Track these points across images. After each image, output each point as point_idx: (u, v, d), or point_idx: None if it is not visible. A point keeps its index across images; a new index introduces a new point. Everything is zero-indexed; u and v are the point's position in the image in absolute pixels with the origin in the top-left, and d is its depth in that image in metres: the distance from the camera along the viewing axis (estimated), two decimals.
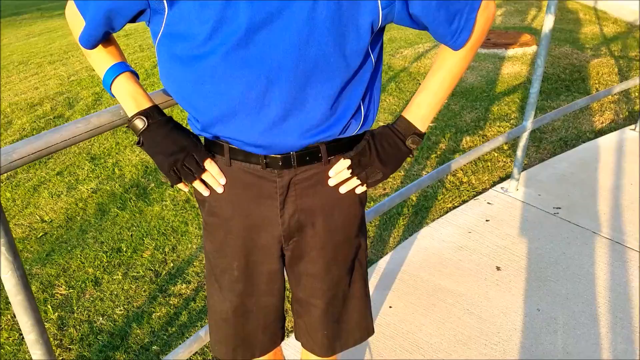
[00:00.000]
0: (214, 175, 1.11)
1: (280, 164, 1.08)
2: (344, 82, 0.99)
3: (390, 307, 2.23)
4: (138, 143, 1.06)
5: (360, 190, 1.17)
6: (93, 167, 3.58)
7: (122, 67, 1.06)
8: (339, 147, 1.11)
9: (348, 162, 1.11)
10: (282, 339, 1.36)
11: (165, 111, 1.45)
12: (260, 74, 0.94)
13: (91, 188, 3.31)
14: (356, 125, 1.09)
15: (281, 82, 0.95)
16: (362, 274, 1.30)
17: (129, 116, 1.05)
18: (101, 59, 1.06)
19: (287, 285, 1.33)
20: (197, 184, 1.12)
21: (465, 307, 2.21)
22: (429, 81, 1.10)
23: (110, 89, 1.06)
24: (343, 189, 1.15)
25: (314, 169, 1.11)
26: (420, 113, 1.11)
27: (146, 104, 1.06)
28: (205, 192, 1.13)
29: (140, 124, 1.04)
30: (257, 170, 1.10)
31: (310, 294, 1.25)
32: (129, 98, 1.05)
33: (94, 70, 5.65)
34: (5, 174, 3.63)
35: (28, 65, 6.48)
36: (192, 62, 0.94)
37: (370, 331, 1.35)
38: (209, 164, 1.10)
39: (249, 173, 1.11)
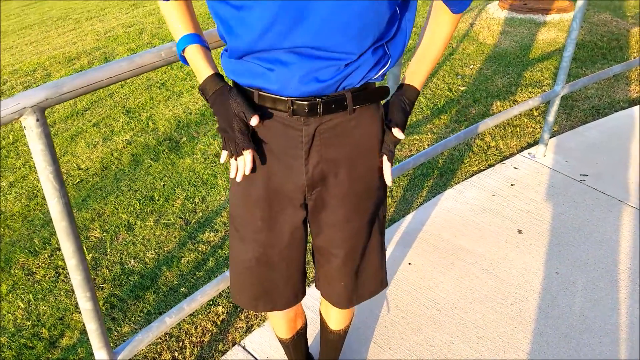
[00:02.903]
0: (245, 162, 1.11)
1: (307, 110, 1.08)
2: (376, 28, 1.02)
3: (409, 263, 2.25)
4: None
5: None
6: (128, 119, 3.64)
7: (193, 39, 1.11)
8: (364, 97, 1.12)
9: (390, 159, 1.19)
10: (304, 294, 1.37)
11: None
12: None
13: (126, 139, 3.39)
14: (379, 66, 1.10)
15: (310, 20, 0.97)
16: (379, 228, 1.31)
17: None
18: (177, 26, 1.11)
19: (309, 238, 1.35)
20: (234, 161, 1.13)
21: (484, 267, 2.21)
22: (429, 49, 1.18)
23: (182, 54, 1.12)
24: (389, 179, 1.21)
25: (340, 117, 1.12)
26: (421, 80, 1.20)
27: (204, 76, 1.10)
28: (236, 176, 1.13)
29: (204, 96, 1.12)
30: (284, 118, 1.11)
31: (330, 244, 1.26)
32: (195, 70, 1.12)
33: (129, 27, 5.69)
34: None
35: (66, 20, 6.55)
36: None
37: (384, 283, 1.37)
38: (247, 153, 1.10)
39: (275, 121, 1.12)
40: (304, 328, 1.60)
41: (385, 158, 1.19)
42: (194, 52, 1.10)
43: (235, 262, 1.29)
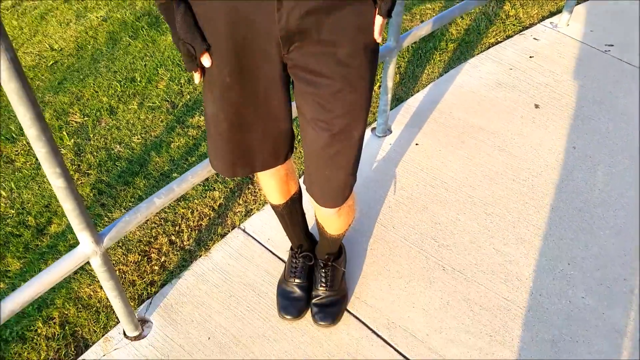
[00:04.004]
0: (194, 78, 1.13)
1: None
2: None
3: (416, 144, 2.26)
4: None
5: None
6: None
7: None
8: None
9: (383, 14, 1.07)
10: (287, 155, 1.33)
11: None
12: None
13: (101, 16, 3.26)
14: None
15: None
16: (363, 122, 1.21)
17: None
18: None
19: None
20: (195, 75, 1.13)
21: (496, 144, 2.22)
22: None
23: None
24: (378, 35, 1.10)
25: None
26: None
27: None
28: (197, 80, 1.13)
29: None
30: None
31: (315, 117, 1.17)
32: None
33: None
34: (10, 1, 3.59)
35: None
36: None
37: (346, 195, 1.33)
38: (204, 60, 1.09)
39: None
40: (299, 194, 1.60)
41: (377, 11, 1.06)
42: None
43: (209, 126, 1.24)
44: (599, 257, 1.81)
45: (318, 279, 1.72)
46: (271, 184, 1.50)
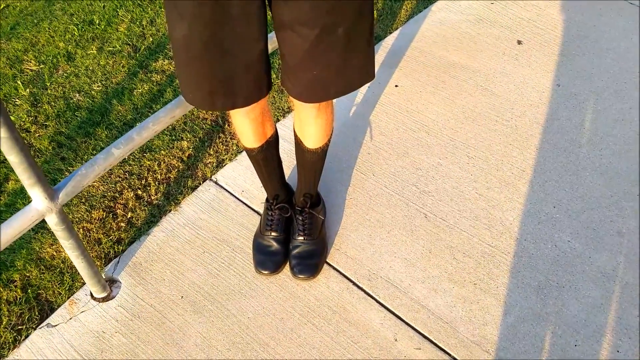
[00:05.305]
0: None
1: None
2: None
3: (396, 86, 2.13)
4: None
5: None
6: None
7: None
8: None
9: None
10: (269, 87, 1.25)
11: None
12: None
13: None
14: None
15: None
16: (367, 8, 1.12)
17: None
18: None
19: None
20: None
21: (478, 84, 2.10)
22: None
23: None
24: None
25: None
26: None
27: None
28: None
29: None
30: None
31: (296, 20, 1.07)
32: None
33: None
34: None
35: None
36: None
37: (370, 75, 1.22)
38: None
39: None
40: (275, 138, 1.49)
41: None
42: None
43: (179, 52, 1.12)
44: (585, 199, 1.74)
45: (296, 227, 1.62)
46: (246, 124, 1.37)
